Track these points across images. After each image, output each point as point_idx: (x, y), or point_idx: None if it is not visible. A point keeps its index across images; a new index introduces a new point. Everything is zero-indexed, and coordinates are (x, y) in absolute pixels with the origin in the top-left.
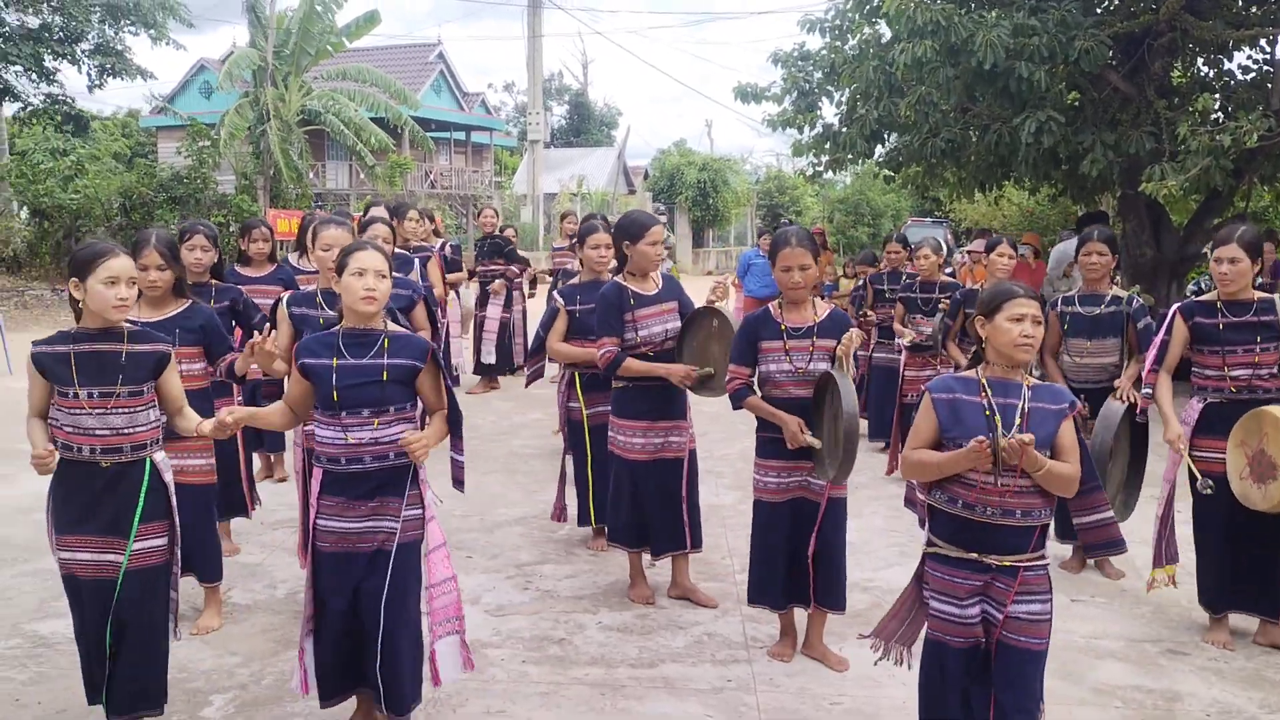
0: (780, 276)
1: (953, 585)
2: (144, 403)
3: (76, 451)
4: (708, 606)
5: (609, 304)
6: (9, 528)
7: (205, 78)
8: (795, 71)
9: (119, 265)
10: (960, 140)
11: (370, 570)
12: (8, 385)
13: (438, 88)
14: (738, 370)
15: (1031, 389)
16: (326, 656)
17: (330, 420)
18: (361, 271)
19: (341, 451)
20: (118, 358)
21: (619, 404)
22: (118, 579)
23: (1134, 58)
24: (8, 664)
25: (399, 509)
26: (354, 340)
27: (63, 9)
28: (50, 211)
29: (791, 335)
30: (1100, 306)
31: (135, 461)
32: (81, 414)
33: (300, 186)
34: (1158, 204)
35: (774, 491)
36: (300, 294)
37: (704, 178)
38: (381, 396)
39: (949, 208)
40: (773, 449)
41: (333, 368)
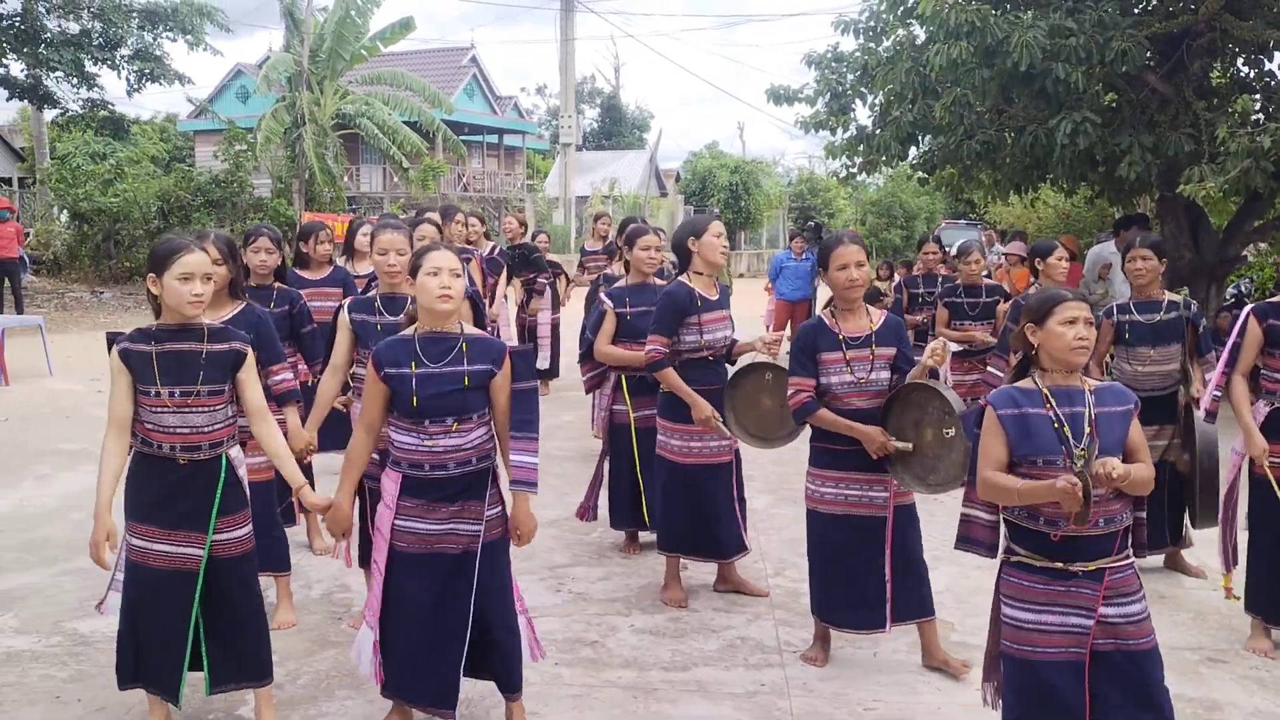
0: (836, 277)
1: (1029, 591)
2: (223, 401)
3: (156, 448)
4: (760, 595)
5: (672, 305)
6: (49, 527)
7: (242, 82)
8: (829, 73)
9: (194, 260)
10: (996, 142)
11: (457, 573)
12: (49, 387)
13: (470, 91)
14: (801, 383)
15: (1094, 393)
16: (397, 655)
17: (411, 427)
18: (436, 270)
19: (425, 458)
20: (198, 356)
21: (670, 408)
22: (199, 571)
23: (1172, 58)
24: (48, 661)
25: (480, 511)
26: (431, 345)
27: (103, 15)
28: (89, 215)
29: (850, 345)
30: (1159, 313)
31: (212, 458)
32: (164, 412)
33: (335, 190)
34: (1196, 206)
35: (830, 503)
36: (359, 300)
37: (736, 180)
38: (463, 404)
39: (984, 210)
40: (829, 459)
41: (411, 376)
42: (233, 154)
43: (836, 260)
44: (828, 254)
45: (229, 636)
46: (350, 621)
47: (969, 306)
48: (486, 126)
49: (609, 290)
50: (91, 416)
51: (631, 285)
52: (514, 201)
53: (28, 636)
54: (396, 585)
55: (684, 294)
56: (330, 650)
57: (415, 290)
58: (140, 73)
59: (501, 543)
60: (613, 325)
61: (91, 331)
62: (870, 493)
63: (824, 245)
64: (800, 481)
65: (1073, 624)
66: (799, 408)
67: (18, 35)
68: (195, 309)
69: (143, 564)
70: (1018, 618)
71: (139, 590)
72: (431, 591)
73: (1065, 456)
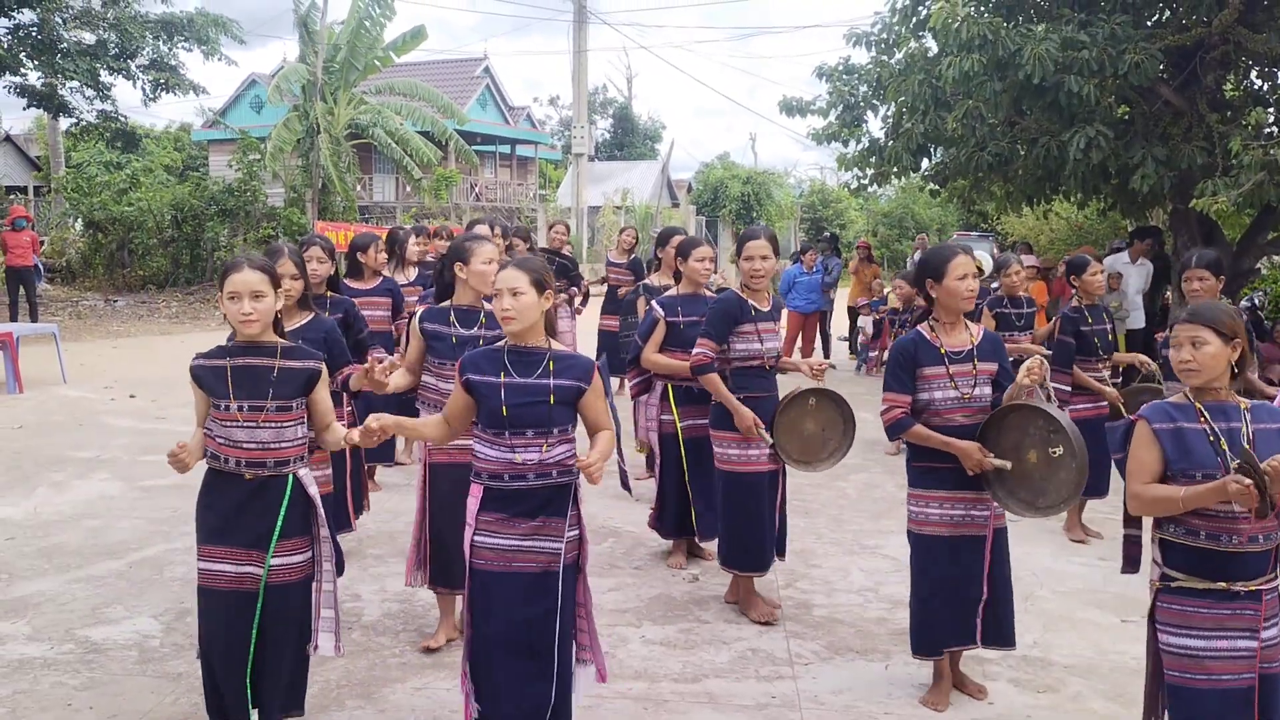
0: (956, 286)
1: (1195, 617)
2: (293, 419)
3: (223, 463)
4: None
5: (725, 311)
6: (62, 534)
7: (256, 92)
8: (841, 85)
9: (240, 280)
10: (1008, 154)
11: (539, 592)
12: (63, 394)
13: (483, 102)
14: (895, 399)
15: (1250, 410)
16: (485, 679)
17: (494, 439)
18: (497, 293)
19: (505, 469)
20: (269, 372)
21: (723, 418)
22: (259, 592)
23: (1185, 71)
24: (61, 669)
25: (561, 529)
26: (519, 358)
27: (119, 26)
28: (104, 223)
29: (953, 359)
30: None
31: (277, 476)
32: (233, 426)
33: (349, 199)
34: (1209, 219)
35: (937, 524)
36: (434, 310)
37: (748, 191)
38: (548, 417)
39: (995, 222)
40: (934, 479)
41: (500, 385)
42: (246, 163)
43: (955, 271)
44: (944, 264)
45: (276, 665)
46: (422, 643)
47: (1015, 317)
48: (499, 137)
49: (661, 298)
50: (105, 424)
51: (683, 295)
52: (526, 211)
53: (40, 644)
54: (479, 607)
55: (737, 302)
56: (339, 660)
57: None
58: (156, 82)
59: (576, 568)
60: (663, 333)
61: (105, 339)
62: (973, 511)
63: (934, 257)
64: (813, 493)
65: (1241, 648)
66: (894, 423)
67: (35, 45)
68: (248, 327)
69: (210, 588)
70: (1188, 646)
71: (207, 616)
72: (513, 611)
73: (1222, 470)
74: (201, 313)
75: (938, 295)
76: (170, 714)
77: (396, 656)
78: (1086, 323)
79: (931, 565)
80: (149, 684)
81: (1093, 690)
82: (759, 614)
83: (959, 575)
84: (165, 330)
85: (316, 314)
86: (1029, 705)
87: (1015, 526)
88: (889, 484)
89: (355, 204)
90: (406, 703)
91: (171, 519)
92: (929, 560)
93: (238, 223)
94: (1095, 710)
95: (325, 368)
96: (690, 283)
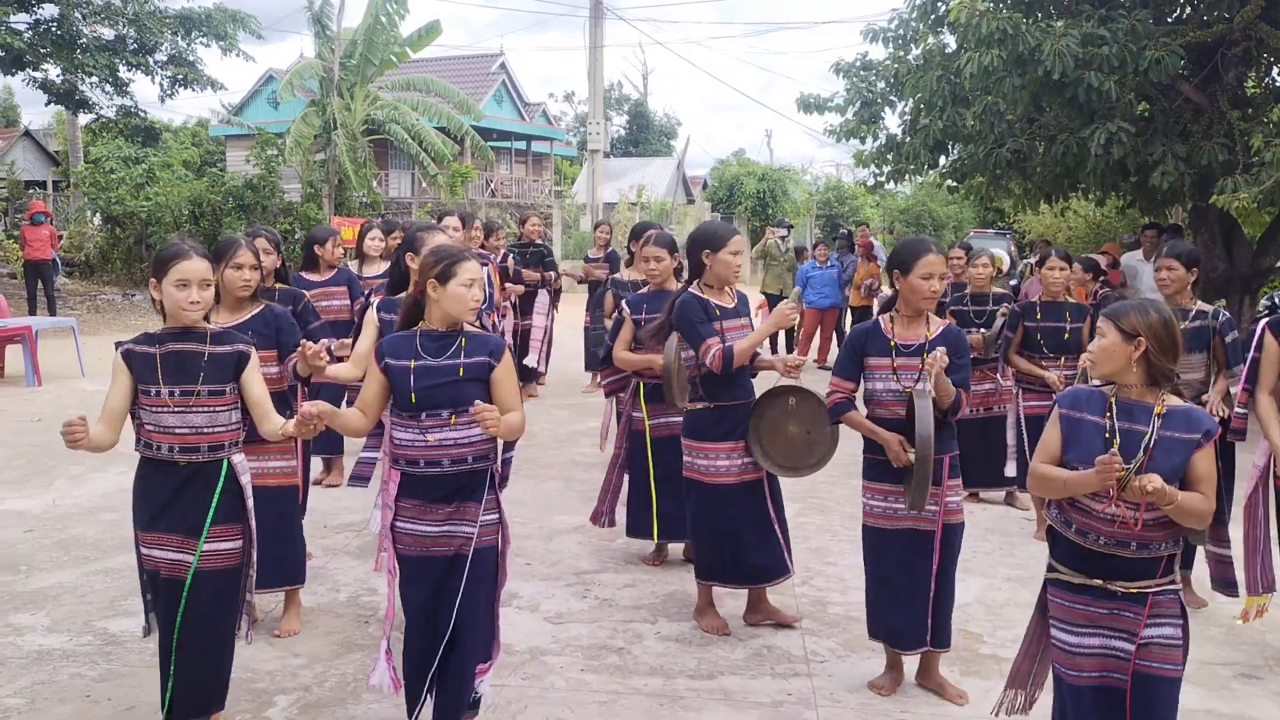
0: (918, 285)
1: (1070, 612)
2: (225, 403)
3: (156, 450)
4: (792, 622)
5: (693, 311)
6: (80, 527)
7: (273, 88)
8: (858, 81)
9: (190, 268)
10: (1026, 151)
11: (448, 575)
12: (82, 388)
13: (499, 98)
14: (839, 384)
15: (1163, 415)
16: (410, 661)
17: (409, 421)
18: (470, 282)
19: (420, 454)
20: (199, 358)
21: (699, 425)
22: (186, 580)
23: (1206, 68)
24: (79, 660)
25: (476, 514)
26: (432, 341)
27: (137, 21)
28: (122, 218)
29: (901, 352)
30: (1185, 321)
31: (212, 462)
32: (164, 412)
33: (367, 195)
34: (1230, 217)
35: (881, 517)
36: (390, 300)
37: (763, 188)
38: (458, 395)
39: (1013, 219)
40: (880, 471)
41: (410, 369)
42: (264, 159)
43: (922, 268)
44: (912, 259)
45: (192, 659)
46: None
47: (975, 314)
48: (515, 133)
49: (628, 297)
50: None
51: (650, 293)
52: (541, 208)
53: (59, 635)
54: (402, 590)
55: (696, 303)
56: (357, 653)
57: (441, 295)
58: (174, 78)
59: (493, 552)
60: (630, 332)
61: (123, 333)
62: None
63: (906, 249)
64: (828, 489)
65: (1116, 648)
66: (832, 406)
67: (55, 41)
68: (191, 316)
69: (156, 573)
70: (1063, 640)
71: (155, 601)
72: (424, 595)
73: None
74: None
75: (900, 288)
76: None
77: None
78: (1034, 318)
79: (879, 558)
80: None
81: None
82: (709, 625)
83: (905, 572)
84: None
85: (267, 305)
86: (1045, 705)
87: (1034, 526)
88: None
89: (377, 199)
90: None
91: None
92: (875, 552)
93: (255, 218)
94: None
95: (255, 352)
96: (653, 281)
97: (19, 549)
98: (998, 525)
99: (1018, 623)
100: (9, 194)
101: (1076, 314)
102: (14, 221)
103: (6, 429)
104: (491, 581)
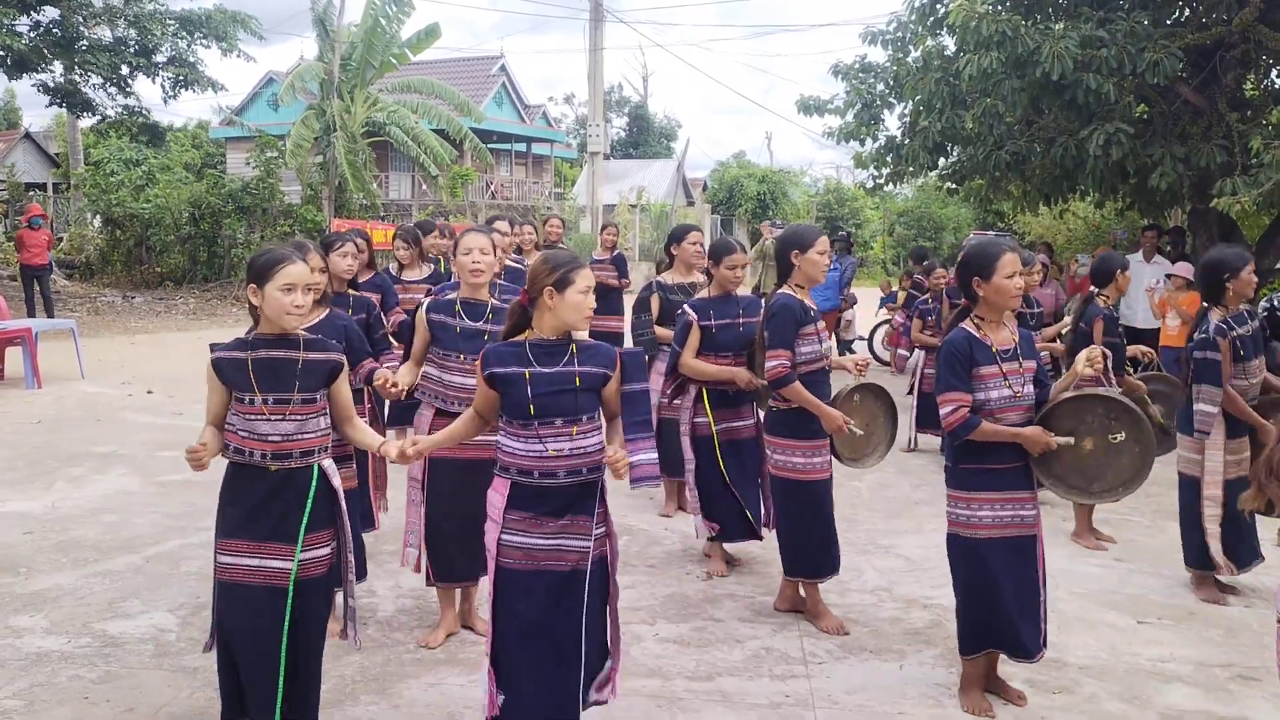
0: (1004, 285)
1: None
2: (316, 410)
3: (248, 456)
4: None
5: (789, 316)
6: (80, 529)
7: (273, 90)
8: (858, 84)
9: (296, 272)
10: (1025, 153)
11: (567, 591)
12: (82, 390)
13: (499, 100)
14: (960, 398)
15: None
16: (509, 672)
17: (523, 431)
18: (588, 290)
19: (535, 465)
20: (294, 365)
21: (793, 425)
22: (289, 587)
23: (1205, 70)
24: (78, 662)
25: (589, 527)
26: (543, 350)
27: (138, 23)
28: (122, 220)
29: (1004, 358)
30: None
31: (303, 467)
32: (258, 420)
33: (368, 197)
34: (1229, 219)
35: (989, 526)
36: (440, 302)
37: (763, 190)
38: (576, 405)
39: (1012, 221)
40: (986, 480)
41: (525, 377)
42: (264, 161)
43: (1004, 268)
44: (993, 261)
45: (307, 662)
46: (418, 640)
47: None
48: (515, 135)
49: (692, 302)
50: (123, 420)
51: (714, 297)
52: (541, 209)
53: (58, 637)
54: (506, 608)
55: (799, 305)
56: (355, 655)
57: (557, 303)
58: (175, 79)
59: (605, 566)
60: (698, 338)
61: (123, 335)
62: (1022, 511)
63: (981, 255)
64: None
65: None
66: (961, 424)
67: (56, 42)
68: (295, 320)
69: (232, 582)
70: None
71: (231, 612)
72: (539, 611)
73: None
74: (218, 309)
75: (985, 293)
76: (186, 707)
77: (411, 652)
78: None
79: (979, 570)
80: (165, 678)
81: (1107, 692)
82: (828, 624)
83: (1011, 579)
84: (182, 326)
85: (332, 309)
86: (1044, 706)
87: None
88: (903, 484)
89: (377, 201)
90: (421, 698)
91: (188, 514)
92: (976, 565)
93: (255, 220)
94: (1110, 712)
95: (346, 361)
96: (719, 285)
97: (19, 551)
98: None
99: None
100: (9, 196)
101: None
102: (14, 224)
103: (7, 431)
104: (604, 594)
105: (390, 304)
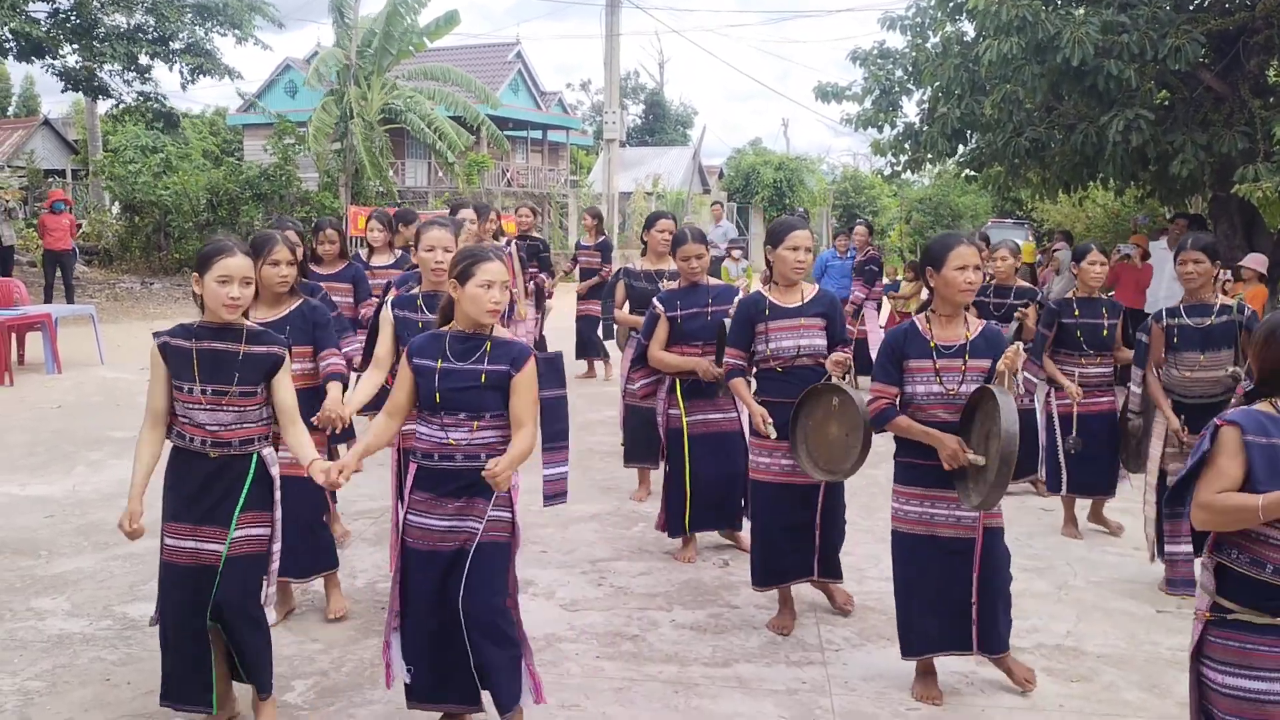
0: (953, 277)
1: (1257, 656)
2: (255, 402)
3: (188, 441)
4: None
5: (742, 314)
6: (101, 512)
7: (290, 77)
8: (876, 70)
9: (233, 264)
10: (1045, 140)
11: (451, 570)
12: (101, 375)
13: (515, 87)
14: (882, 389)
15: None
16: (414, 656)
17: (430, 418)
18: (489, 284)
19: (436, 448)
20: (235, 357)
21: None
22: (219, 566)
23: (1228, 55)
24: (99, 644)
25: (484, 510)
26: (459, 343)
27: (155, 10)
28: (141, 207)
29: (942, 353)
30: (1210, 317)
31: (242, 455)
32: (196, 409)
33: (384, 184)
34: (1251, 206)
35: (915, 522)
36: (404, 297)
37: (780, 177)
38: (479, 402)
39: (1031, 208)
40: (914, 475)
41: (436, 370)
42: (281, 147)
43: (955, 261)
44: (944, 253)
45: (242, 636)
46: None
47: (995, 307)
48: (531, 122)
49: (661, 295)
50: (141, 405)
51: (683, 288)
52: (557, 197)
53: (79, 619)
54: (408, 583)
55: (752, 302)
56: (374, 639)
57: (462, 297)
58: (192, 67)
59: (502, 548)
60: (665, 331)
61: (141, 321)
62: (958, 512)
63: (936, 246)
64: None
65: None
66: (877, 414)
67: (73, 29)
68: (230, 312)
69: (171, 562)
70: (1244, 688)
71: (166, 590)
72: (430, 588)
73: None
74: None
75: (936, 284)
76: None
77: None
78: (1072, 315)
79: (910, 565)
80: None
81: (1126, 680)
82: (777, 623)
83: (940, 578)
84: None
85: (305, 299)
86: (1062, 695)
87: (1052, 517)
88: None
89: (394, 188)
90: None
91: None
92: (908, 559)
93: (272, 206)
94: (1128, 700)
95: (288, 356)
96: (686, 276)
97: (40, 534)
98: (1014, 516)
99: (1031, 613)
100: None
101: (1112, 311)
102: (34, 210)
103: (27, 416)
104: (501, 579)
105: (363, 295)
